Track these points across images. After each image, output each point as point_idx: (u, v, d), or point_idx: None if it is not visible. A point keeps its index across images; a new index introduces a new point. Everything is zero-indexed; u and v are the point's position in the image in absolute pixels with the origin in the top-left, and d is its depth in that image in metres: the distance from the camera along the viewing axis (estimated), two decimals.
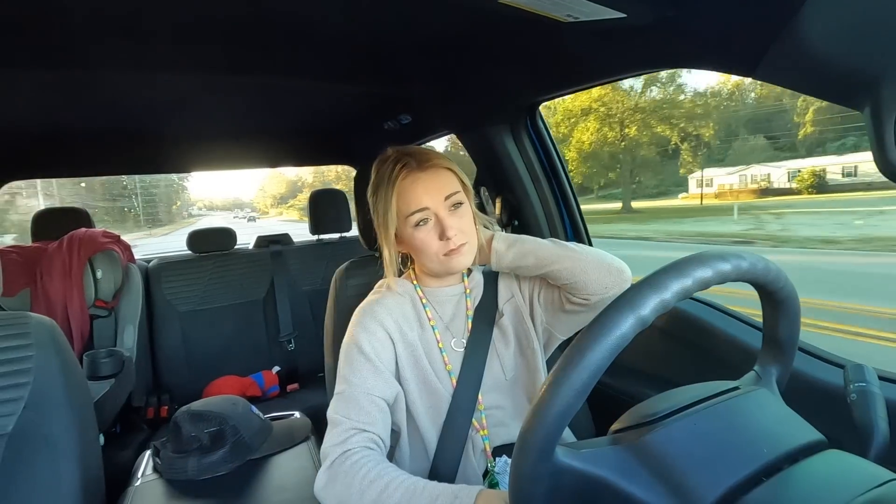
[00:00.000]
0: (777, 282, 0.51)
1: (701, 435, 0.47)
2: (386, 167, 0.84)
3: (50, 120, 1.42)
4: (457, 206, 0.83)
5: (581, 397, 0.41)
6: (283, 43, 0.98)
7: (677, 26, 0.73)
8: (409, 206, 0.81)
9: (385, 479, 0.68)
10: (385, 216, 0.83)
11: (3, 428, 0.79)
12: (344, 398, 0.80)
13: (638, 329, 0.42)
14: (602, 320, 0.42)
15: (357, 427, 0.77)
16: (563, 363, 0.42)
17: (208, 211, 68.20)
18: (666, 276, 0.44)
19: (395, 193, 0.81)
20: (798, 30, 0.57)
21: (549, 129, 1.39)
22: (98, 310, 1.69)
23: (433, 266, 0.86)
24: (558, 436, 0.43)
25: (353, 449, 0.74)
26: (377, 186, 0.85)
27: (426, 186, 0.81)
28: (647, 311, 0.42)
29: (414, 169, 0.82)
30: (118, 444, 1.53)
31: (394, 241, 0.86)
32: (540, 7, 0.72)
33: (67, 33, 0.86)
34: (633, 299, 0.42)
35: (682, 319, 1.05)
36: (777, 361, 0.58)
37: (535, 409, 0.42)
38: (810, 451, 0.47)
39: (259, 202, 71.90)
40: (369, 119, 1.74)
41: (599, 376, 0.41)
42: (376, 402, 0.80)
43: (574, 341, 0.42)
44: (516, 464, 0.44)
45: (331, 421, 0.79)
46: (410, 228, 0.82)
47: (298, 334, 2.12)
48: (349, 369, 0.82)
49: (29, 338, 0.84)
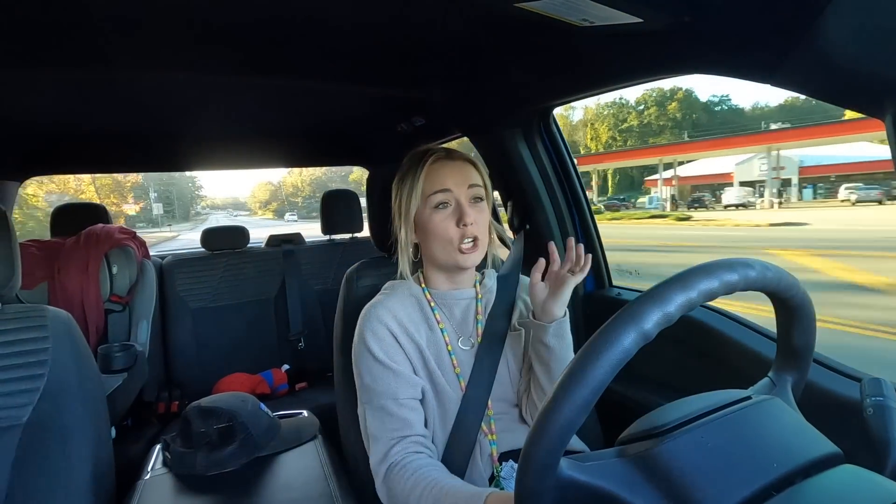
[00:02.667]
0: (789, 289, 0.50)
1: (710, 447, 0.46)
2: (416, 156, 0.88)
3: (70, 118, 1.45)
4: (477, 200, 0.86)
5: (584, 413, 0.41)
6: (300, 45, 0.99)
7: (694, 31, 0.72)
8: (433, 185, 0.84)
9: (419, 489, 0.71)
10: (409, 197, 0.86)
11: (19, 418, 0.81)
12: (374, 410, 0.82)
13: (641, 344, 0.41)
14: (604, 335, 0.41)
15: (395, 437, 0.79)
16: (565, 379, 0.41)
17: (212, 210, 75.56)
18: (670, 289, 0.43)
19: (423, 174, 0.85)
20: (819, 35, 0.55)
21: (562, 134, 1.38)
22: (113, 304, 1.71)
23: (442, 257, 0.86)
24: (561, 451, 0.42)
25: (393, 462, 0.77)
26: (404, 174, 0.88)
27: (452, 172, 0.85)
28: (650, 326, 0.41)
29: (443, 157, 0.86)
30: (130, 437, 1.55)
31: (413, 224, 0.87)
32: (555, 11, 0.72)
33: (88, 35, 0.87)
34: (635, 313, 0.41)
35: (694, 326, 1.04)
36: (793, 368, 0.57)
37: (537, 425, 0.42)
38: (824, 466, 0.46)
39: (251, 203, 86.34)
40: (383, 121, 1.74)
41: (602, 392, 0.41)
42: (405, 403, 0.81)
43: (576, 356, 0.42)
44: (520, 479, 0.43)
45: (371, 435, 0.82)
46: (430, 210, 0.84)
47: (308, 333, 2.13)
48: (370, 378, 0.83)
49: (46, 330, 0.85)
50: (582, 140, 48.75)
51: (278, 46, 1.00)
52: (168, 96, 1.33)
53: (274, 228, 2.92)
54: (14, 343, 0.83)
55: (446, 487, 0.69)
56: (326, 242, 2.31)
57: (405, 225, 0.87)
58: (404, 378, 0.82)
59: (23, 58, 0.94)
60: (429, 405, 0.84)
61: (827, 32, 0.55)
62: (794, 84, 0.65)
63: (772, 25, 0.62)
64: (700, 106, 49.34)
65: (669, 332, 0.44)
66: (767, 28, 0.63)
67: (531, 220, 1.39)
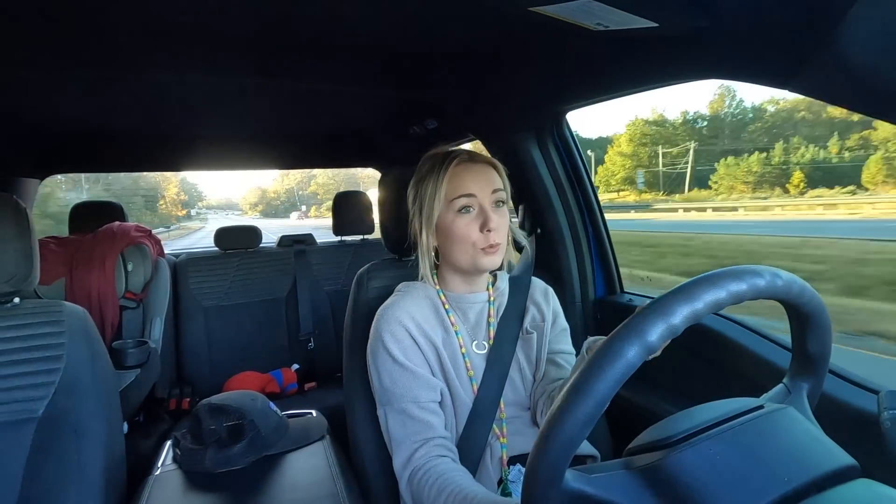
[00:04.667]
0: (801, 296, 0.48)
1: (720, 460, 0.45)
2: (437, 158, 0.87)
3: (89, 118, 1.48)
4: (500, 205, 0.86)
5: (588, 426, 0.40)
6: (314, 48, 1.00)
7: (711, 36, 0.71)
8: (456, 190, 0.83)
9: (444, 494, 0.71)
10: (431, 200, 0.85)
11: (35, 411, 0.82)
12: (395, 413, 0.82)
13: (645, 357, 0.40)
14: (608, 348, 0.40)
15: (418, 440, 0.79)
16: (568, 393, 0.41)
17: (207, 210, 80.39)
18: (674, 301, 0.42)
19: (447, 177, 0.84)
20: (839, 41, 0.54)
21: (575, 139, 1.38)
22: (128, 301, 1.74)
23: (463, 260, 0.86)
24: (566, 464, 0.41)
25: (416, 466, 0.77)
26: (424, 176, 0.87)
27: (476, 176, 0.84)
28: (654, 339, 0.40)
29: (466, 160, 0.85)
30: (141, 433, 1.57)
31: (434, 228, 0.86)
32: (569, 15, 0.71)
33: (107, 37, 0.89)
34: (638, 326, 0.40)
35: (705, 334, 1.03)
36: (808, 375, 0.55)
37: (541, 440, 0.41)
38: (839, 479, 0.44)
39: (242, 205, 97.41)
40: (396, 123, 1.75)
41: (606, 405, 0.40)
42: (426, 406, 0.81)
43: (579, 370, 0.41)
44: (526, 492, 0.43)
45: (393, 439, 0.81)
46: (453, 214, 0.84)
47: (318, 334, 2.14)
48: (389, 381, 0.83)
49: (62, 325, 0.87)
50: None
51: (294, 50, 1.01)
52: (185, 98, 1.35)
53: (258, 221, 3.09)
54: (31, 337, 0.85)
55: (471, 494, 0.68)
56: (337, 243, 2.33)
57: (426, 228, 0.86)
58: (424, 380, 0.82)
59: (42, 60, 0.96)
60: (445, 407, 0.84)
61: (847, 38, 0.54)
62: (812, 90, 0.64)
63: (790, 31, 0.61)
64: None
65: (680, 339, 0.43)
66: (785, 34, 0.62)
67: (542, 223, 1.38)
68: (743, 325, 1.01)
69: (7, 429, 0.81)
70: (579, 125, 48.16)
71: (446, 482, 0.72)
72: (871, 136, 31.00)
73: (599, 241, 1.38)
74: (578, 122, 78.19)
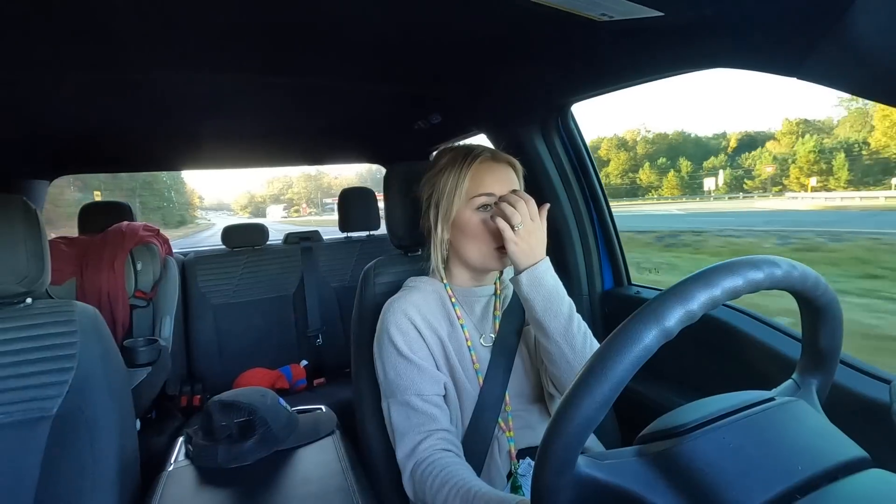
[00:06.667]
0: (816, 289, 0.48)
1: (732, 448, 0.45)
2: (458, 153, 0.87)
3: (97, 119, 1.49)
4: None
5: (603, 410, 0.40)
6: (317, 43, 1.00)
7: (717, 25, 0.70)
8: (478, 188, 0.84)
9: (447, 488, 0.71)
10: (451, 195, 0.85)
11: (49, 409, 0.84)
12: (398, 405, 0.82)
13: (662, 341, 0.40)
14: (625, 331, 0.41)
15: (422, 432, 0.79)
16: (585, 374, 0.41)
17: (201, 210, 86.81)
18: (692, 286, 0.42)
19: (470, 174, 0.84)
20: (849, 27, 0.53)
21: (580, 131, 1.37)
22: (137, 300, 1.76)
23: (477, 258, 0.86)
24: (580, 448, 0.41)
25: (420, 458, 0.77)
26: (443, 168, 0.87)
27: (498, 176, 0.85)
28: (672, 323, 0.40)
29: (489, 158, 0.86)
30: (154, 429, 1.58)
31: (451, 223, 0.87)
32: (573, 6, 0.71)
33: (113, 38, 0.89)
34: (657, 310, 0.41)
35: (715, 325, 1.02)
36: (818, 370, 0.55)
37: (555, 421, 0.41)
38: (851, 470, 0.44)
39: (234, 206, 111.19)
40: (400, 118, 1.75)
41: (621, 389, 0.40)
42: (430, 399, 0.81)
43: (596, 352, 0.41)
44: (537, 475, 0.43)
45: (397, 430, 0.81)
46: (471, 211, 0.84)
47: (326, 330, 2.15)
48: (393, 373, 0.83)
49: (74, 325, 0.88)
50: None
51: (297, 46, 1.01)
52: (190, 96, 1.35)
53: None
54: (44, 337, 0.86)
55: (474, 489, 0.69)
56: (344, 240, 2.33)
57: (443, 222, 0.87)
58: (428, 373, 0.82)
59: (50, 60, 0.97)
60: (450, 400, 0.84)
61: (856, 24, 0.53)
62: (820, 77, 0.63)
63: (798, 18, 0.60)
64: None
65: (690, 331, 0.43)
66: (793, 21, 0.61)
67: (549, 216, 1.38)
68: (750, 315, 1.00)
69: (23, 427, 0.82)
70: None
71: (449, 475, 0.72)
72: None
73: (606, 234, 1.37)
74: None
